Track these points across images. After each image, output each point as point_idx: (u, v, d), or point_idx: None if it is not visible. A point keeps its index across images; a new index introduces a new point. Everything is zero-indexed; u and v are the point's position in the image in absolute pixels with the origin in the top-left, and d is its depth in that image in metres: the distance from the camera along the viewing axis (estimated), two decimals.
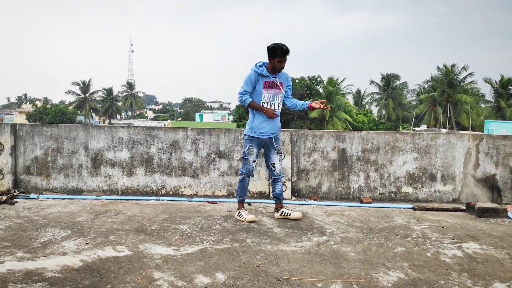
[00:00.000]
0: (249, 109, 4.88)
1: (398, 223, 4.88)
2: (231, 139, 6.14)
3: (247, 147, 4.88)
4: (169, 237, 4.14)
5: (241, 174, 4.96)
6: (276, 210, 5.05)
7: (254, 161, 4.91)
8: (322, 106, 4.86)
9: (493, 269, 3.49)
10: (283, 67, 4.80)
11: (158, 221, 4.72)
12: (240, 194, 5.00)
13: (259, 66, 4.82)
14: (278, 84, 4.83)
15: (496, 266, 3.57)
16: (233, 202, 5.78)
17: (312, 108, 4.91)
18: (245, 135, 4.92)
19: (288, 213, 4.94)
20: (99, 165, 6.14)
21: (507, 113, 44.41)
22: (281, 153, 5.04)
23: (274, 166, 4.96)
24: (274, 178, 5.03)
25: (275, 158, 4.96)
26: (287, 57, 4.76)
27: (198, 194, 6.14)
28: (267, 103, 4.80)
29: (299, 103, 5.01)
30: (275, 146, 4.93)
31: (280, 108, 4.89)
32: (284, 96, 4.98)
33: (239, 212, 4.90)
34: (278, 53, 4.68)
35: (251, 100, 4.75)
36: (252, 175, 5.02)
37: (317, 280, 3.18)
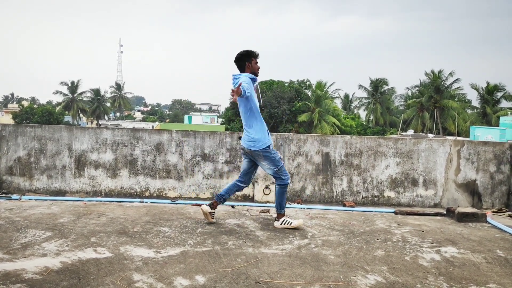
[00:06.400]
0: (251, 119, 4.58)
1: (379, 227, 4.94)
2: (216, 142, 6.16)
3: (278, 155, 4.65)
4: (150, 239, 4.15)
5: (286, 183, 4.67)
6: (212, 206, 4.89)
7: None
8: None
9: (469, 273, 3.55)
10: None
11: (140, 223, 4.72)
12: (284, 205, 4.76)
13: None
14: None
15: (473, 270, 3.64)
16: None
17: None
18: (267, 148, 4.56)
19: (213, 215, 4.85)
20: (83, 166, 6.12)
21: (492, 119, 45.01)
22: None
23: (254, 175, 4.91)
24: (242, 186, 4.86)
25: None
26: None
27: (182, 196, 6.15)
28: None
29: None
30: None
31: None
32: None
33: (285, 220, 4.74)
34: None
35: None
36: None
37: (296, 283, 3.21)
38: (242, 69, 4.73)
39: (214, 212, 4.82)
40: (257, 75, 4.73)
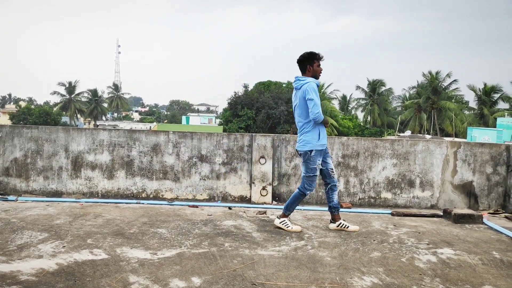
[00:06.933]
0: (313, 124, 4.59)
1: (376, 228, 4.95)
2: (213, 143, 6.16)
3: (317, 162, 4.62)
4: (147, 240, 4.14)
5: (304, 193, 4.71)
6: (333, 220, 4.82)
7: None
8: None
9: (465, 275, 3.56)
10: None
11: (137, 224, 4.71)
12: (292, 209, 4.81)
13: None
14: None
15: (469, 271, 3.65)
16: (214, 206, 5.80)
17: None
18: (310, 151, 4.57)
19: (345, 225, 4.77)
20: (80, 167, 6.11)
21: (489, 120, 45.11)
22: None
23: (333, 172, 4.80)
24: (332, 186, 4.76)
25: (332, 164, 4.83)
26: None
27: (179, 198, 6.14)
28: None
29: None
30: (328, 152, 4.81)
31: None
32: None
33: (285, 221, 4.75)
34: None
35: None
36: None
37: (292, 285, 3.21)
38: (303, 71, 4.70)
39: (341, 222, 4.78)
40: (317, 78, 4.70)
